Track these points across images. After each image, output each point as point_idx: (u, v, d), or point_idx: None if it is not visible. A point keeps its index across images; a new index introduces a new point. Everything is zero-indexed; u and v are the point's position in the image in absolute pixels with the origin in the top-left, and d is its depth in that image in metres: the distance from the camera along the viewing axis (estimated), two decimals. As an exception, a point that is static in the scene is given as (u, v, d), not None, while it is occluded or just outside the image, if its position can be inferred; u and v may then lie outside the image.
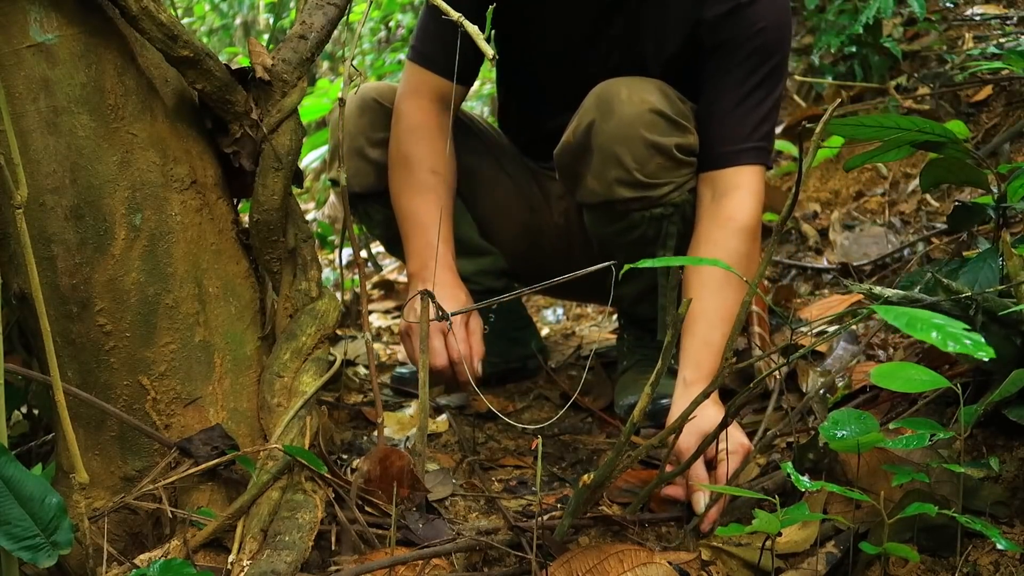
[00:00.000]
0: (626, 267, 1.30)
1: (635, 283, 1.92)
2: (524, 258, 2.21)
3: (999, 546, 1.17)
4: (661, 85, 1.84)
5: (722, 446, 1.47)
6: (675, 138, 1.80)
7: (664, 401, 1.94)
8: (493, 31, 1.98)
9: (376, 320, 3.09)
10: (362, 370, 2.29)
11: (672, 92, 1.85)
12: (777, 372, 1.79)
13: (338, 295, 2.54)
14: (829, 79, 3.16)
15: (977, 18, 3.14)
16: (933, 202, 2.63)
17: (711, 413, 1.53)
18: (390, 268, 3.82)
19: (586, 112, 1.84)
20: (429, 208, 1.89)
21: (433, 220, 1.86)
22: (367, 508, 1.45)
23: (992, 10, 3.16)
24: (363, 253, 3.92)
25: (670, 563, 1.28)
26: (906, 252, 2.49)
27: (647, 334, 2.07)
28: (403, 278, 3.65)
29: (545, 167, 2.16)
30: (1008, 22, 3.06)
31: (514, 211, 2.18)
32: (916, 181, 2.73)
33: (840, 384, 1.78)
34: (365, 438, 1.84)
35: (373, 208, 2.11)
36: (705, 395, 1.33)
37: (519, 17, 1.99)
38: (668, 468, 1.48)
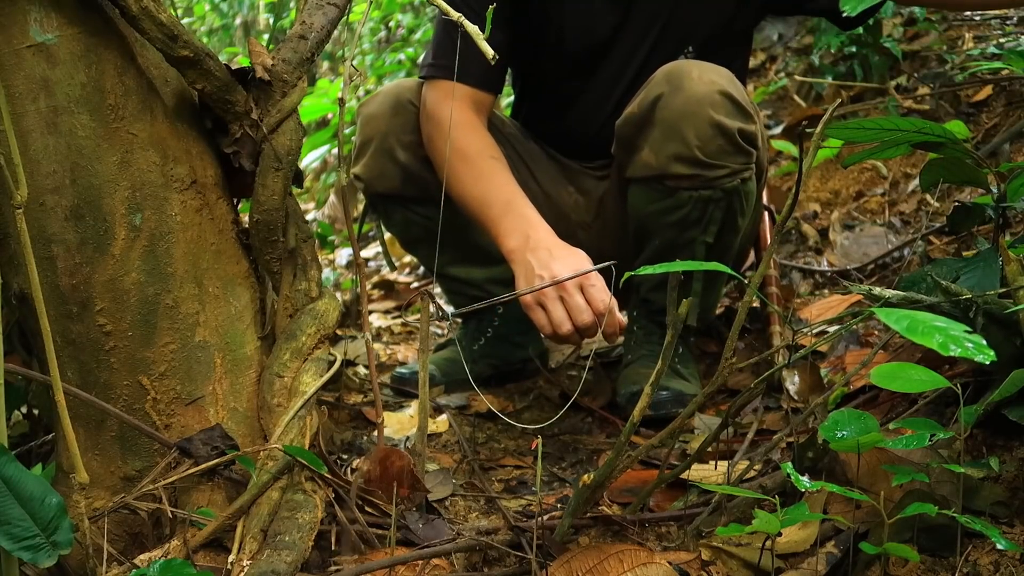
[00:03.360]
0: (627, 275, 1.30)
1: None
2: None
3: (999, 546, 1.16)
4: (730, 73, 1.86)
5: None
6: (739, 123, 1.82)
7: (665, 392, 1.95)
8: (516, 40, 1.99)
9: (376, 320, 3.09)
10: (362, 370, 2.29)
11: (739, 82, 1.87)
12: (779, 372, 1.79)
13: (338, 295, 2.54)
14: (829, 79, 3.16)
15: (977, 18, 3.14)
16: (933, 202, 2.63)
17: None
18: (390, 270, 3.82)
19: (655, 86, 1.85)
20: (503, 186, 1.86)
21: (514, 194, 1.84)
22: (367, 508, 1.45)
23: (992, 10, 3.16)
24: (376, 249, 3.91)
25: (670, 563, 1.28)
26: (906, 252, 2.49)
27: (658, 328, 2.06)
28: (404, 278, 3.65)
29: (587, 166, 2.15)
30: (1008, 22, 3.06)
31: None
32: (916, 181, 2.74)
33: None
34: (365, 438, 1.84)
35: (394, 210, 2.11)
36: (697, 404, 1.33)
37: (545, 24, 1.99)
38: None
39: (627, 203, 1.96)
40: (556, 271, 1.69)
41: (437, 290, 2.37)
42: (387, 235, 2.32)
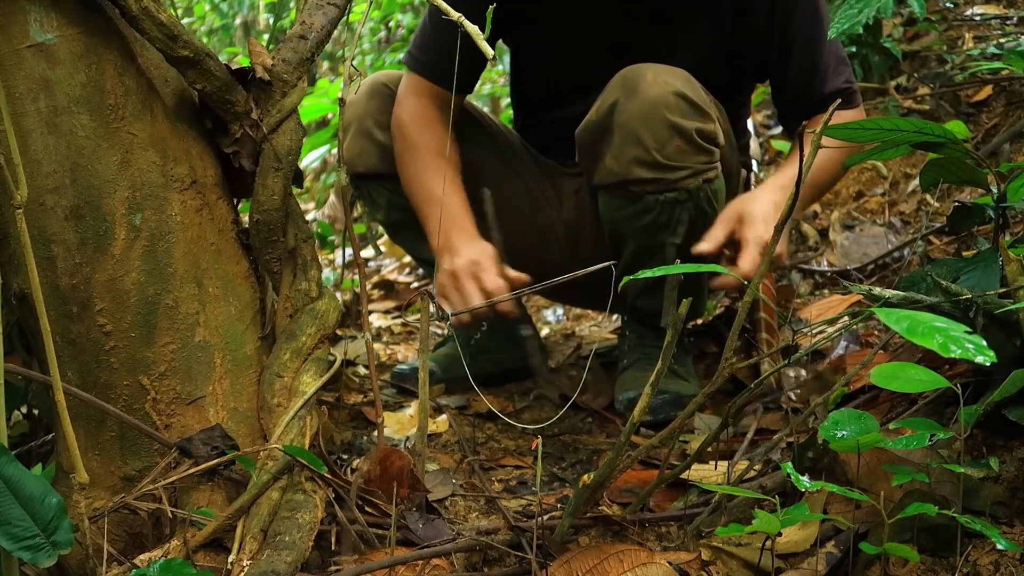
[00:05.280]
0: (625, 279, 1.30)
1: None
2: (527, 256, 2.21)
3: (999, 546, 1.16)
4: (686, 73, 1.86)
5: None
6: (696, 122, 1.81)
7: (664, 395, 1.95)
8: (508, 26, 2.00)
9: (376, 320, 3.09)
10: (362, 370, 2.29)
11: (696, 82, 1.86)
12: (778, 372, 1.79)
13: (338, 295, 2.54)
14: (829, 79, 3.15)
15: (977, 18, 3.14)
16: (933, 202, 2.63)
17: (766, 202, 1.83)
18: (390, 268, 3.82)
19: (610, 92, 1.85)
20: (439, 183, 1.92)
21: (449, 193, 1.92)
22: (367, 508, 1.45)
23: (992, 10, 3.16)
24: (369, 251, 3.92)
25: (670, 563, 1.28)
26: (906, 252, 2.49)
27: (650, 331, 2.07)
28: (404, 278, 3.65)
29: (562, 163, 2.16)
30: (1008, 22, 3.06)
31: (519, 208, 2.18)
32: (916, 181, 2.74)
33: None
34: (365, 438, 1.84)
35: (377, 191, 2.13)
36: (696, 404, 1.33)
37: (530, 21, 2.00)
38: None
39: (599, 209, 1.98)
40: (451, 268, 1.83)
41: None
42: (384, 238, 2.33)
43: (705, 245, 1.81)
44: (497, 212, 2.20)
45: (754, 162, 2.30)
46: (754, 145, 2.38)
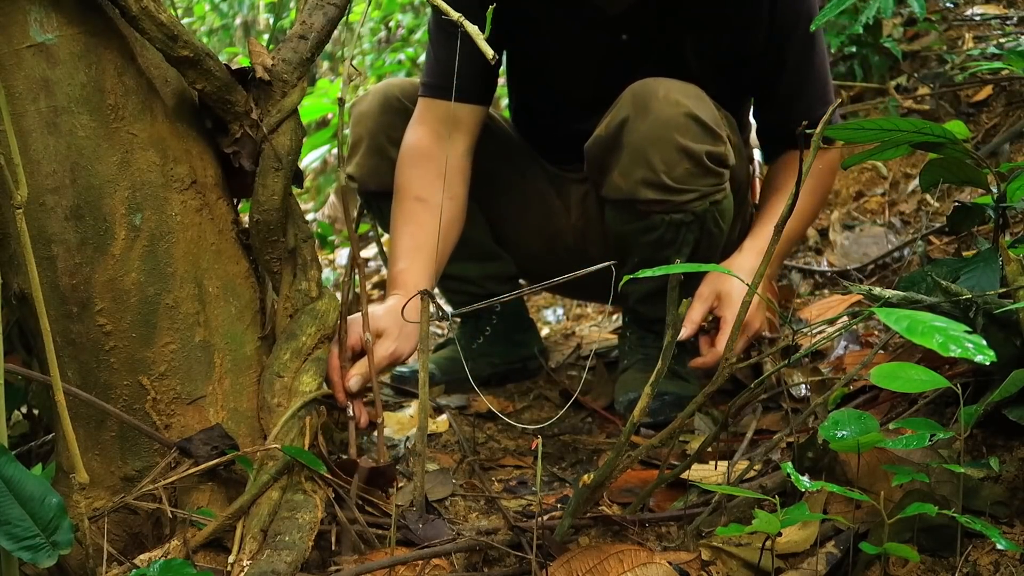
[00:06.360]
0: (625, 278, 1.30)
1: (643, 282, 1.93)
2: (537, 260, 2.21)
3: (999, 546, 1.17)
4: (699, 90, 1.83)
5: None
6: (707, 146, 1.79)
7: (665, 397, 1.95)
8: (506, 39, 1.99)
9: (376, 320, 3.08)
10: (362, 370, 2.28)
11: (709, 99, 1.84)
12: (777, 373, 1.79)
13: (338, 295, 2.54)
14: (829, 79, 3.16)
15: (977, 18, 3.14)
16: (933, 202, 2.63)
17: (744, 276, 1.76)
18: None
19: (621, 108, 1.83)
20: (403, 240, 1.87)
21: (403, 253, 1.84)
22: (367, 508, 1.45)
23: (992, 10, 3.17)
24: (372, 250, 3.92)
25: (670, 563, 1.28)
26: (906, 252, 2.49)
27: (650, 334, 2.07)
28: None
29: (567, 170, 2.16)
30: (1008, 22, 3.06)
31: (529, 215, 2.18)
32: (916, 181, 2.74)
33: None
34: (365, 438, 1.84)
35: (388, 207, 2.12)
36: (696, 405, 1.33)
37: (533, 27, 1.99)
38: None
39: (605, 219, 1.97)
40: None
41: (435, 290, 2.37)
42: (385, 237, 2.33)
43: (684, 332, 1.76)
44: (507, 218, 2.19)
45: (756, 151, 2.29)
46: (755, 137, 2.38)
